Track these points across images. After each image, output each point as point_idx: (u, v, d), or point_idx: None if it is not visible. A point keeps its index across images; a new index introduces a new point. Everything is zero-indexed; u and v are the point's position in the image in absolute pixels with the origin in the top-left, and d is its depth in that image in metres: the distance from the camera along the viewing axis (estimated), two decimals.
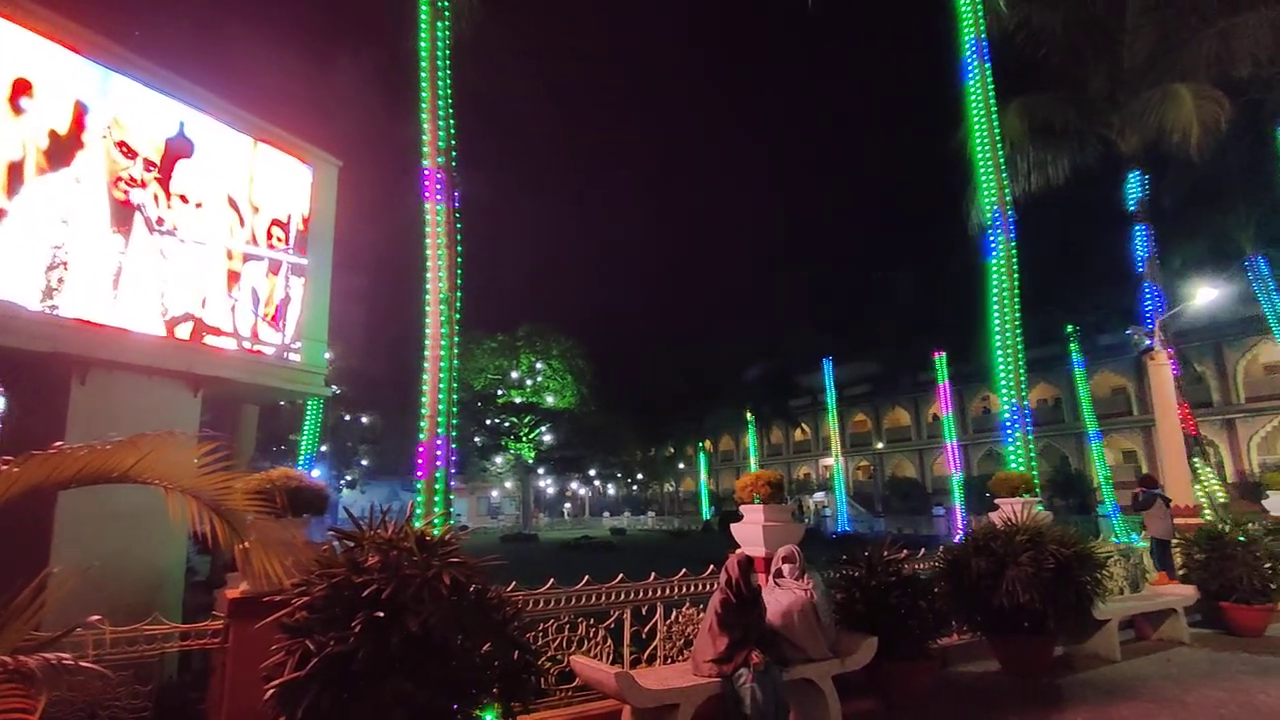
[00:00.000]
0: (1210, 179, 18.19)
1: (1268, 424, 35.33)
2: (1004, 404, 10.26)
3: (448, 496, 7.11)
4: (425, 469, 7.11)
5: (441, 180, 7.31)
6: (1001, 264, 10.28)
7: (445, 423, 7.20)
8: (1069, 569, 6.76)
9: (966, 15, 10.62)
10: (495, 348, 50.15)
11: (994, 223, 10.46)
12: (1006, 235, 10.36)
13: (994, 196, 10.46)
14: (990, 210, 10.55)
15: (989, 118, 10.53)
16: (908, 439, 53.36)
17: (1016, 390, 10.02)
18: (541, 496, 68.56)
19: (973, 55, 10.57)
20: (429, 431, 7.06)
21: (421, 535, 3.71)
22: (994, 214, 10.45)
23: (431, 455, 7.05)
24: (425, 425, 7.23)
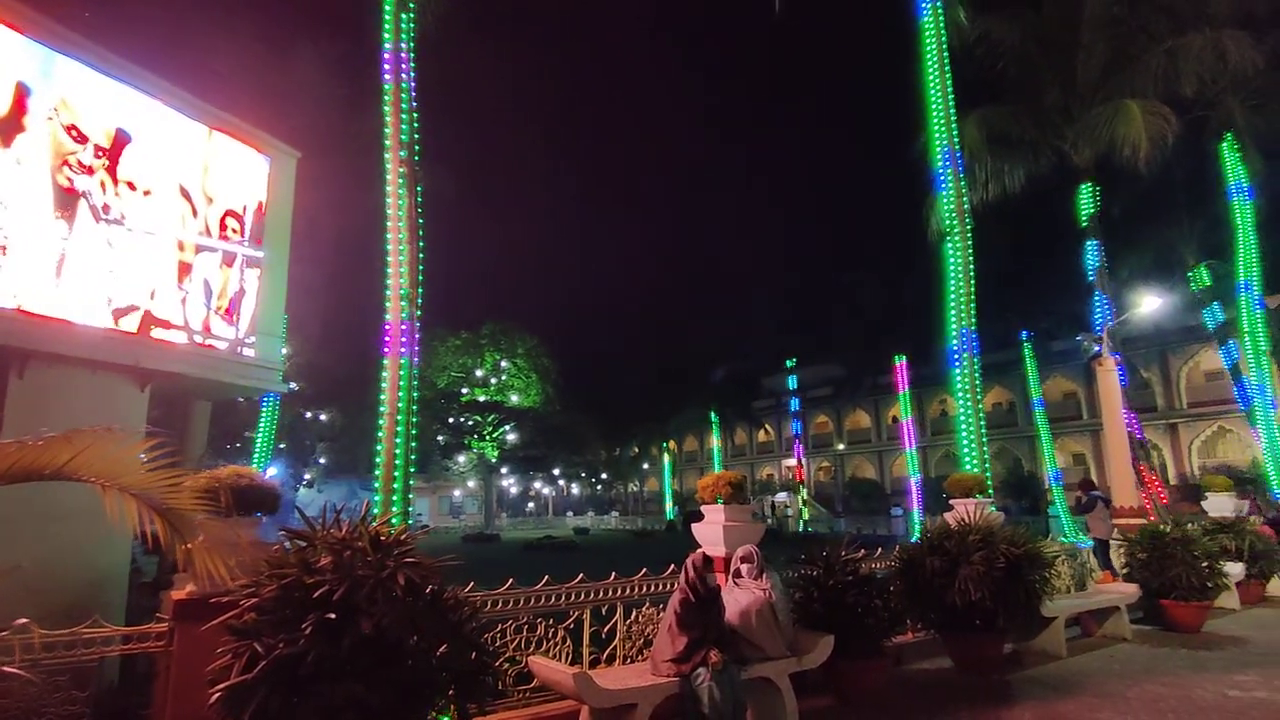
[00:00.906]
0: (1157, 192, 18.88)
1: (1208, 428, 36.85)
2: (960, 404, 10.50)
3: (406, 495, 6.99)
4: (384, 467, 6.98)
5: (404, 174, 7.19)
6: (958, 270, 10.52)
7: (405, 420, 7.08)
8: (1019, 568, 6.94)
9: (929, 27, 10.84)
10: (460, 345, 49.60)
11: (952, 230, 10.70)
12: (964, 242, 10.60)
13: (952, 204, 10.70)
14: (949, 217, 10.79)
15: (949, 127, 10.77)
16: (868, 440, 54.31)
17: (972, 392, 10.26)
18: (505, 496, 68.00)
19: (934, 66, 10.79)
20: (387, 429, 6.93)
21: (376, 535, 3.64)
22: (952, 221, 10.68)
23: (390, 454, 6.92)
24: (384, 423, 7.10)
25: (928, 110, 10.98)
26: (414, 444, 7.22)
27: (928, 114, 10.99)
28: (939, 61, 10.78)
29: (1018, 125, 15.78)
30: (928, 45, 10.82)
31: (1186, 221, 19.98)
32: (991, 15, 15.36)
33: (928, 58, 10.84)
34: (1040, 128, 15.89)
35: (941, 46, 10.84)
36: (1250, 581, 10.88)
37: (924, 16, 10.88)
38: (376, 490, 7.06)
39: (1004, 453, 43.82)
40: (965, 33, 13.77)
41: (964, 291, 10.42)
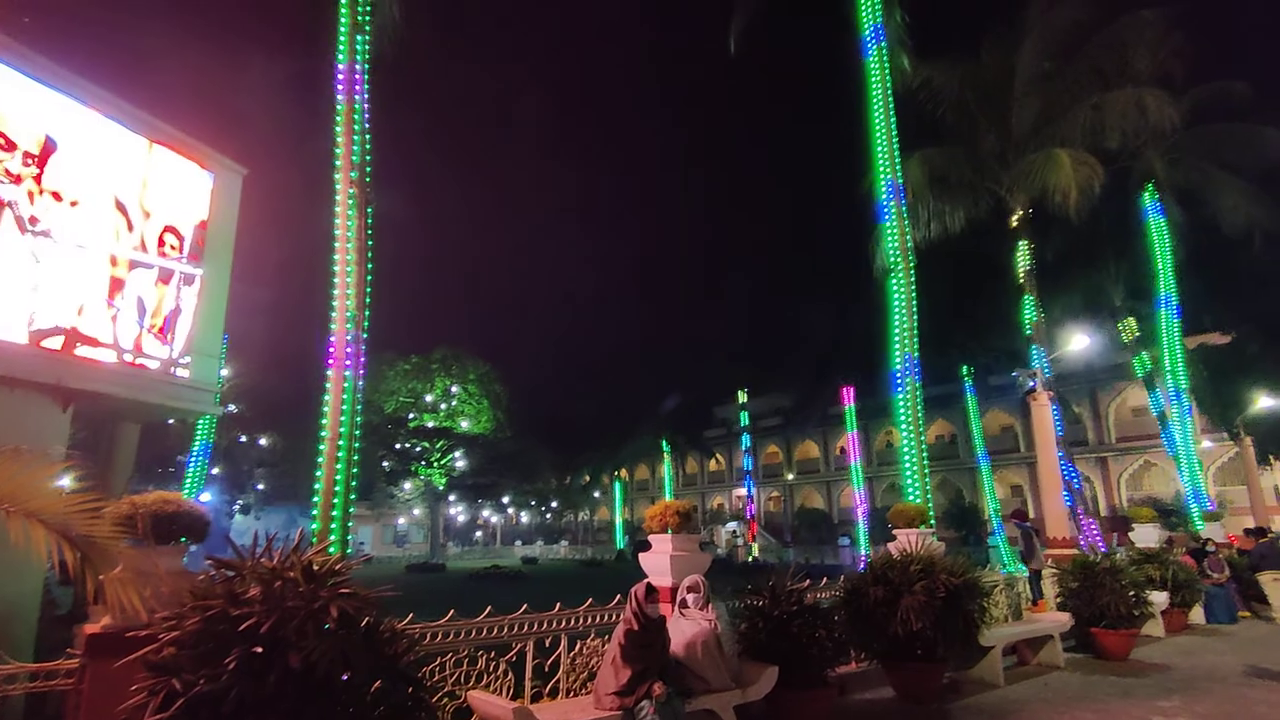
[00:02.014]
0: (1086, 237, 19.92)
1: (1135, 462, 38.54)
2: (903, 438, 10.76)
3: (346, 523, 6.78)
4: (323, 494, 6.76)
5: (354, 196, 7.10)
6: (902, 305, 10.86)
7: (347, 445, 6.90)
8: (958, 597, 7.09)
9: (874, 71, 11.31)
10: (409, 370, 48.61)
11: (896, 266, 11.07)
12: (907, 279, 10.97)
13: (896, 242, 11.09)
14: (893, 254, 11.17)
15: (893, 167, 11.20)
16: (817, 470, 55.04)
17: (914, 425, 10.53)
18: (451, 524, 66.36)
19: (879, 108, 11.25)
20: (328, 454, 6.74)
21: (310, 565, 3.51)
22: (896, 258, 11.06)
23: (330, 479, 6.72)
24: (325, 448, 6.90)
25: (873, 150, 11.41)
26: (356, 470, 7.03)
27: (873, 154, 11.43)
28: (884, 104, 11.24)
29: (958, 168, 16.50)
30: (873, 88, 11.29)
31: (1113, 266, 21.12)
32: (933, 63, 16.11)
33: (873, 100, 11.30)
34: (978, 172, 16.65)
35: (886, 90, 11.32)
36: (1173, 610, 11.33)
37: (869, 60, 11.35)
38: (315, 518, 6.83)
39: (946, 484, 44.96)
40: (908, 78, 14.41)
41: (907, 325, 10.75)
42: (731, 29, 13.08)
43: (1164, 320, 19.15)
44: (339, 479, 6.79)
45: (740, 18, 12.95)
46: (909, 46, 13.13)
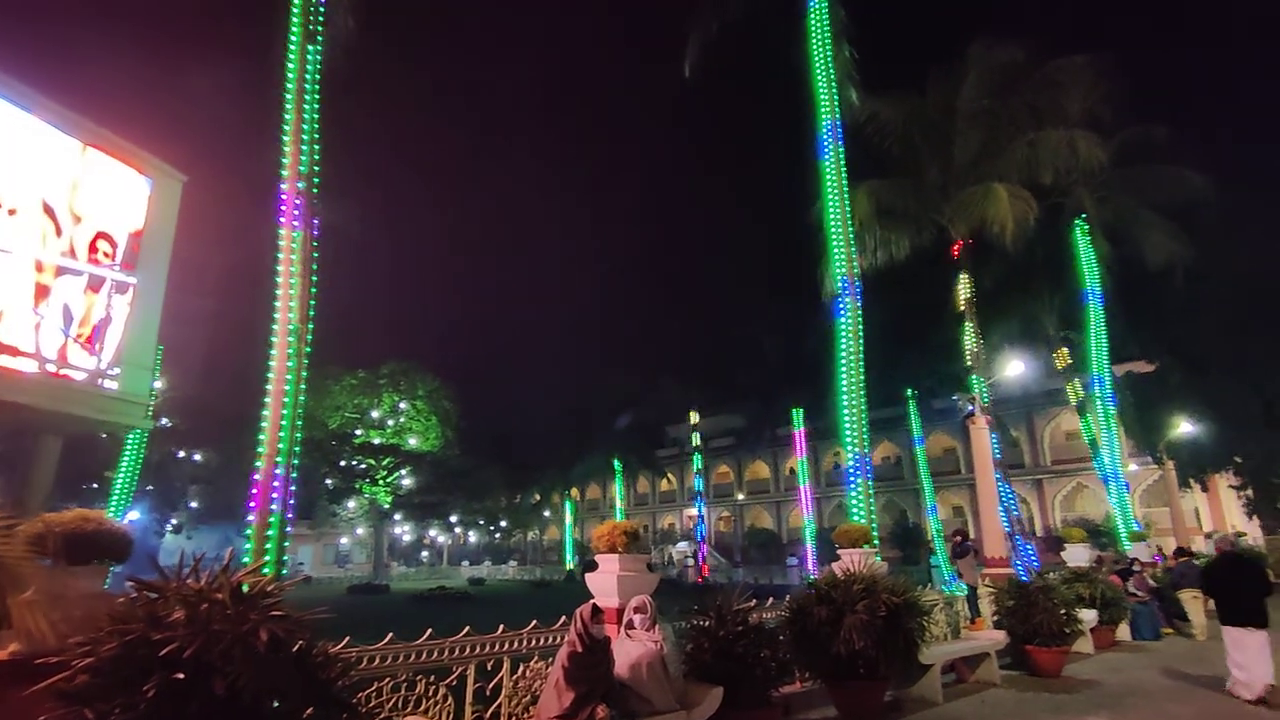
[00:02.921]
0: (1023, 268, 20.82)
1: (1068, 484, 40.08)
2: (849, 459, 10.98)
3: (282, 543, 6.54)
4: (258, 512, 6.52)
5: (300, 206, 6.95)
6: (849, 329, 11.13)
7: (285, 462, 6.68)
8: (899, 616, 7.23)
9: (824, 103, 11.67)
10: (355, 385, 47.40)
11: (843, 291, 11.35)
12: (854, 303, 11.25)
13: (843, 268, 11.38)
14: (840, 280, 11.45)
15: (841, 197, 11.53)
16: (767, 491, 55.57)
17: (859, 446, 10.76)
18: (396, 544, 64.60)
19: (828, 140, 11.59)
20: (265, 471, 6.51)
21: (239, 586, 3.38)
22: (843, 283, 11.35)
23: (266, 497, 6.49)
24: (262, 464, 6.67)
25: (822, 179, 11.74)
26: (294, 487, 6.81)
27: (822, 183, 11.75)
28: (832, 135, 11.59)
29: (903, 199, 17.09)
30: (823, 120, 11.63)
31: (1048, 295, 22.10)
32: (880, 98, 16.71)
33: (821, 131, 11.64)
34: (922, 203, 17.27)
35: (834, 121, 11.68)
36: (1102, 627, 11.78)
37: (819, 93, 11.71)
38: (249, 537, 6.58)
39: (891, 505, 45.93)
40: (857, 111, 14.91)
41: (853, 350, 11.01)
42: (686, 54, 13.35)
43: (1093, 349, 20.08)
44: (276, 497, 6.56)
45: (695, 44, 13.23)
46: (857, 81, 13.59)
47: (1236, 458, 25.70)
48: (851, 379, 10.90)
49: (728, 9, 12.92)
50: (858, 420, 10.75)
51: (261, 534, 6.27)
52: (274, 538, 6.34)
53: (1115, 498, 20.08)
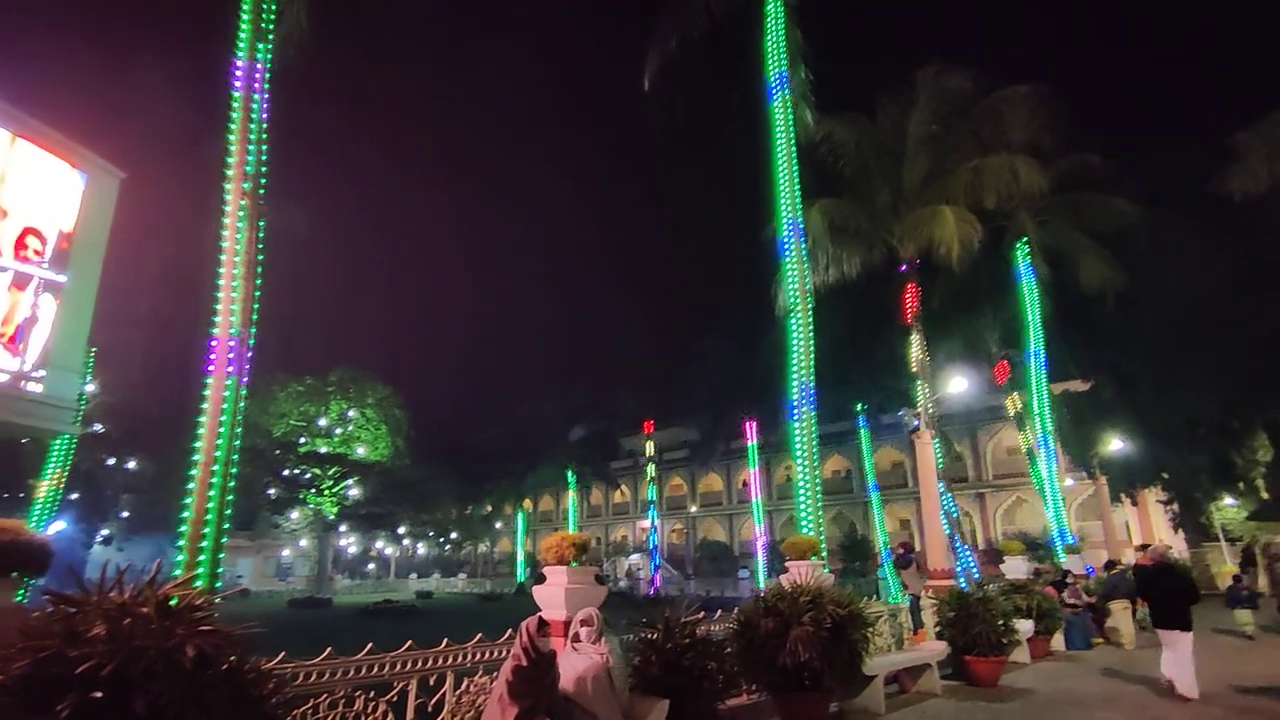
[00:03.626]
0: (968, 288, 21.54)
1: (1009, 498, 41.41)
2: (799, 472, 11.13)
3: (217, 554, 6.30)
4: (192, 523, 6.28)
5: (245, 206, 6.76)
6: (800, 344, 11.32)
7: (223, 470, 6.45)
8: (844, 628, 7.34)
9: (779, 122, 11.90)
10: (302, 391, 46.06)
11: (795, 307, 11.55)
12: (805, 318, 11.45)
13: (796, 284, 11.59)
14: (793, 295, 11.66)
15: (794, 214, 11.75)
16: (720, 503, 55.93)
17: (809, 459, 10.92)
18: (341, 556, 62.82)
19: (783, 157, 11.82)
20: (201, 479, 6.27)
21: (166, 600, 3.24)
22: (795, 300, 11.55)
23: (201, 507, 6.25)
24: (197, 473, 6.43)
25: (777, 197, 11.95)
26: (231, 497, 6.57)
27: (776, 200, 11.96)
28: (787, 153, 11.82)
29: (855, 218, 17.52)
30: (777, 138, 11.86)
31: (991, 314, 22.91)
32: (835, 119, 17.16)
33: (777, 149, 11.87)
34: (873, 222, 17.74)
35: (790, 140, 11.92)
36: (1038, 637, 12.16)
37: (774, 113, 11.95)
38: (182, 549, 6.33)
39: (841, 517, 46.71)
40: (812, 132, 15.26)
41: (805, 364, 11.20)
42: (646, 67, 13.48)
43: (1032, 367, 20.85)
44: (212, 506, 6.32)
45: (654, 57, 13.37)
46: (812, 102, 13.94)
47: (1164, 474, 26.95)
48: (803, 393, 11.07)
49: (687, 24, 13.10)
50: (808, 433, 10.92)
51: (195, 545, 6.03)
52: (208, 549, 6.10)
53: (1052, 511, 20.82)
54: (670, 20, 13.26)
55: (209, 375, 6.52)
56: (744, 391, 36.16)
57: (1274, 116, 15.42)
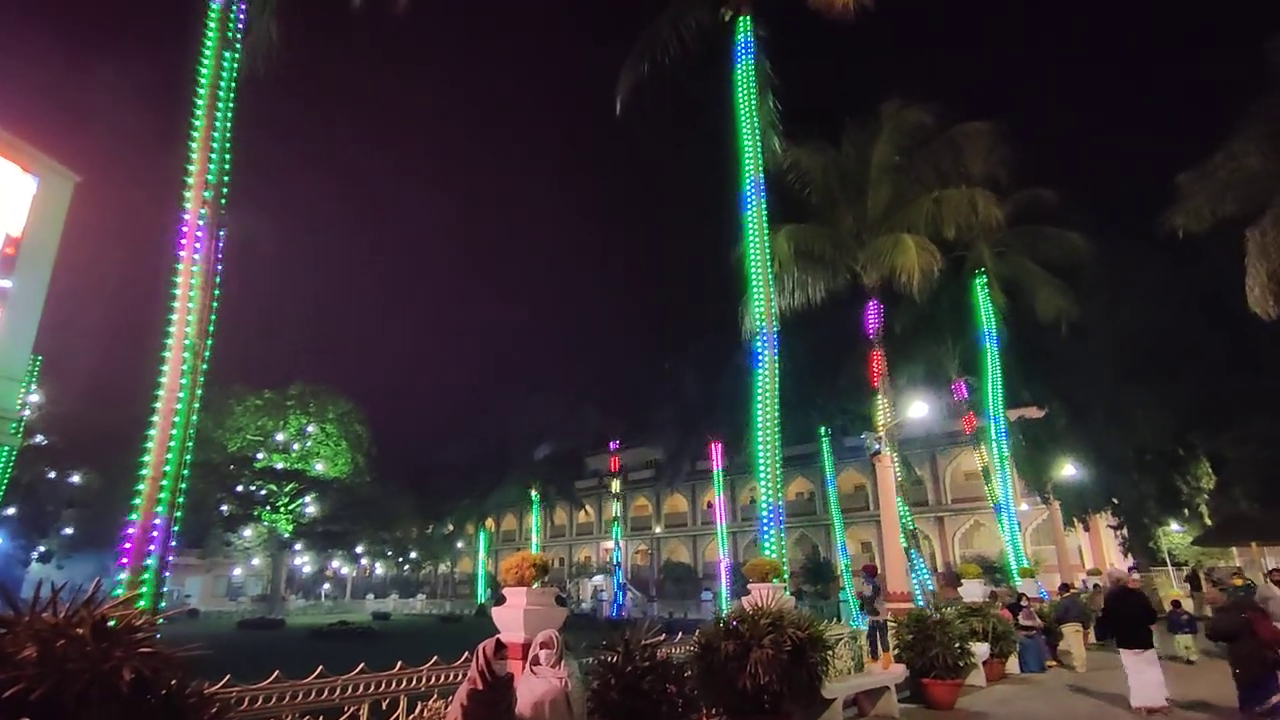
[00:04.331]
0: (928, 315, 22.06)
1: (967, 521, 42.11)
2: (762, 494, 11.19)
3: (161, 573, 6.08)
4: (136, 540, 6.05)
5: (205, 216, 6.62)
6: (765, 366, 11.43)
7: (171, 485, 6.25)
8: (804, 651, 7.35)
9: (748, 149, 12.12)
10: (260, 405, 44.93)
11: (761, 330, 11.68)
12: (771, 341, 11.59)
13: (763, 307, 11.73)
14: (759, 319, 11.79)
15: (761, 238, 11.93)
16: (684, 524, 55.79)
17: (773, 481, 10.99)
18: (296, 575, 60.98)
19: (751, 186, 12.01)
20: (147, 495, 6.06)
21: (103, 620, 3.11)
22: (761, 322, 11.68)
23: (147, 524, 6.03)
24: (144, 488, 6.21)
25: (744, 221, 12.13)
26: (180, 513, 6.36)
27: (744, 224, 12.14)
28: (755, 179, 12.02)
29: (820, 244, 17.86)
30: (745, 164, 12.07)
31: (950, 341, 23.47)
32: (802, 147, 17.55)
33: (745, 175, 12.06)
34: (838, 249, 18.09)
35: (758, 166, 12.13)
36: (993, 660, 12.32)
37: (743, 138, 12.16)
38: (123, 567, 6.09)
39: (804, 540, 46.95)
40: (779, 159, 15.56)
41: (769, 385, 11.31)
42: (618, 91, 13.64)
43: (990, 394, 21.37)
44: (158, 522, 6.11)
45: (625, 83, 13.54)
46: (780, 130, 14.23)
47: (1114, 499, 27.72)
48: (767, 416, 11.16)
49: (659, 51, 13.31)
50: (771, 455, 11.00)
51: (138, 563, 5.80)
52: (152, 567, 5.88)
53: (1008, 535, 21.24)
54: (642, 46, 13.46)
55: (160, 386, 6.33)
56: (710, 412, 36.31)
57: (1216, 159, 16.15)
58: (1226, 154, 15.99)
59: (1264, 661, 7.74)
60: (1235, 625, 8.10)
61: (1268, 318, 14.34)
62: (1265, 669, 7.77)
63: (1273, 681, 7.78)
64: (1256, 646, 7.76)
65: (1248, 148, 15.62)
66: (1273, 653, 7.74)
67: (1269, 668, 7.77)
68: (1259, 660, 7.79)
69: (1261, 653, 7.74)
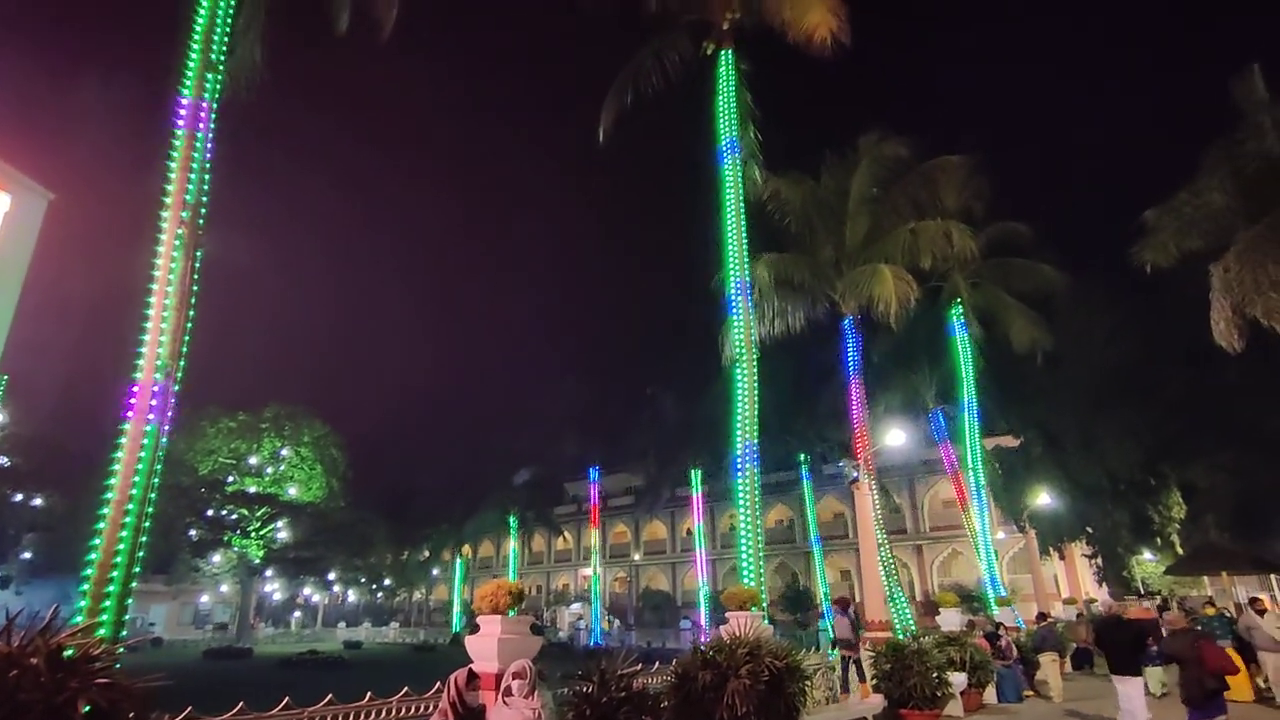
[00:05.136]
0: (905, 344, 22.34)
1: (945, 550, 42.23)
2: (741, 522, 11.16)
3: (124, 601, 5.90)
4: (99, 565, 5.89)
5: (182, 236, 6.57)
6: (745, 393, 11.48)
7: (137, 510, 6.10)
8: (782, 681, 7.30)
9: (728, 177, 12.30)
10: (234, 428, 44.09)
11: (741, 357, 11.76)
12: (751, 369, 11.65)
13: (742, 335, 11.82)
14: (739, 346, 11.88)
15: (742, 267, 12.06)
16: (663, 551, 55.33)
17: (752, 509, 10.98)
18: (266, 602, 59.43)
19: (731, 212, 12.17)
20: (112, 519, 5.91)
21: (58, 650, 3.02)
22: (741, 349, 11.76)
23: (110, 549, 5.87)
24: (109, 511, 6.06)
25: (725, 250, 12.27)
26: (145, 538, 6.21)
27: (725, 253, 12.28)
28: (735, 208, 12.19)
29: (799, 273, 18.07)
30: (726, 193, 12.24)
31: (928, 370, 23.76)
32: (781, 177, 17.85)
33: (726, 204, 12.23)
34: (817, 278, 18.31)
35: (738, 196, 12.31)
36: (971, 690, 12.28)
37: (724, 168, 12.35)
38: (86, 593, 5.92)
39: (784, 567, 46.75)
40: (759, 188, 15.81)
41: (749, 413, 11.35)
42: (601, 121, 13.83)
43: (966, 422, 21.60)
44: (122, 548, 5.95)
45: (609, 114, 13.75)
46: (760, 160, 14.49)
47: (1088, 528, 27.97)
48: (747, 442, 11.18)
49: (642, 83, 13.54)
50: (750, 483, 11.00)
51: (100, 590, 5.63)
52: (114, 594, 5.70)
53: (985, 564, 21.32)
54: (626, 77, 13.69)
55: (129, 408, 6.21)
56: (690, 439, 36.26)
57: (1181, 196, 16.65)
58: (1191, 190, 16.50)
59: (1203, 686, 7.92)
60: (1183, 651, 8.29)
61: (1233, 351, 14.68)
62: (1205, 694, 7.97)
63: (1215, 707, 7.99)
64: (1200, 673, 7.96)
65: (1211, 184, 16.13)
66: (1214, 680, 7.94)
67: (1209, 694, 7.97)
68: (1199, 685, 8.00)
69: (1203, 679, 7.94)
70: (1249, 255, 14.04)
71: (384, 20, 10.46)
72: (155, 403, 6.17)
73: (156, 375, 6.21)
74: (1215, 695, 7.98)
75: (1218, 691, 8.00)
